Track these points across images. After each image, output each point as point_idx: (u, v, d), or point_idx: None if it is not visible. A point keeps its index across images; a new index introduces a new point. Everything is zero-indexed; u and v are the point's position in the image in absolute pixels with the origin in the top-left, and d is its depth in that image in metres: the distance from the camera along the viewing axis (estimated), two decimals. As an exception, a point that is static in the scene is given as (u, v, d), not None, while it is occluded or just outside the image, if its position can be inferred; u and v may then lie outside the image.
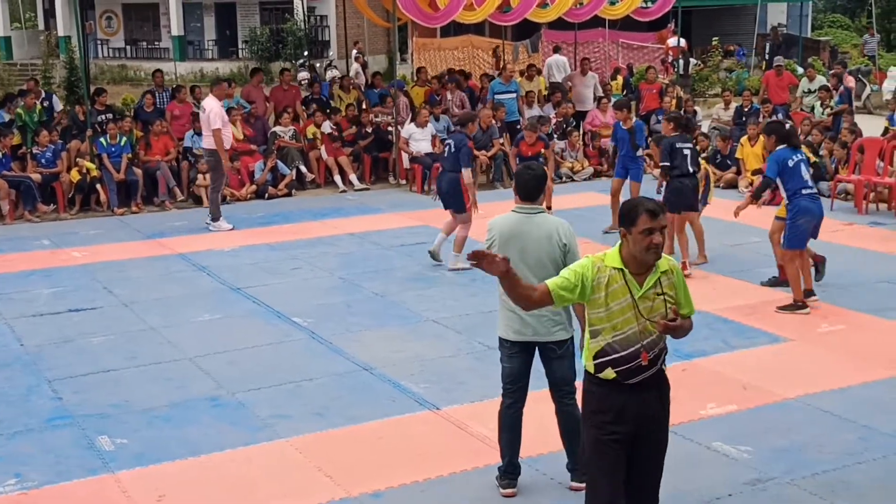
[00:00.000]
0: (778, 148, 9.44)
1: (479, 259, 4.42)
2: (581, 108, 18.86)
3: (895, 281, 10.14)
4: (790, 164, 9.29)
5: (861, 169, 14.39)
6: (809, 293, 9.49)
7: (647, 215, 4.49)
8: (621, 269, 4.57)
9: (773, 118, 17.19)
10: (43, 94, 17.34)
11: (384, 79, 19.38)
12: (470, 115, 11.59)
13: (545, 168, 6.25)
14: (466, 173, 10.85)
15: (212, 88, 14.12)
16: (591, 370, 4.69)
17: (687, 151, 10.58)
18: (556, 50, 23.84)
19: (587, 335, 4.72)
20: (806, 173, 9.32)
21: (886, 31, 33.74)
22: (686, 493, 5.96)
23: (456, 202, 10.96)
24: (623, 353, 4.59)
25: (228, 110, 16.31)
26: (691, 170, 10.57)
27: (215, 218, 13.53)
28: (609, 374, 4.62)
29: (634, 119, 12.74)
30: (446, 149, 11.10)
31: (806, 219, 9.32)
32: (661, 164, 10.62)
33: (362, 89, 19.63)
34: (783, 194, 9.44)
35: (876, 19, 30.70)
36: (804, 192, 9.28)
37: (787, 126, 10.93)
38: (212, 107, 13.36)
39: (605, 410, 4.64)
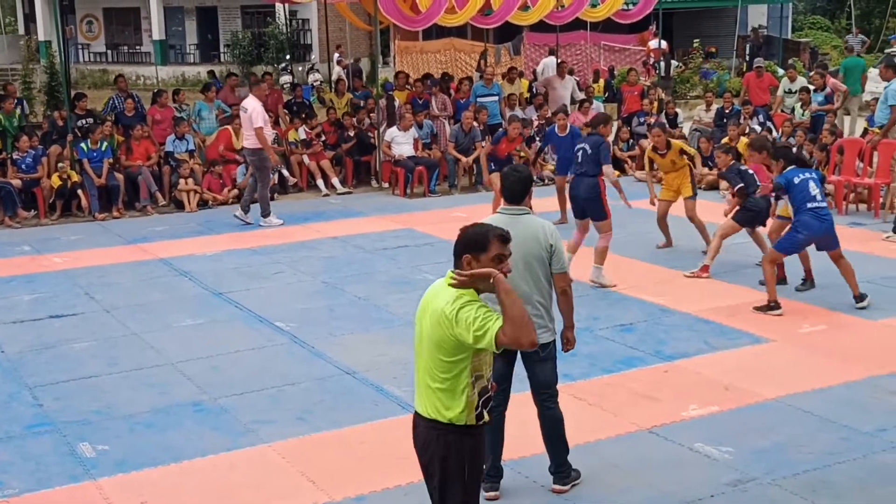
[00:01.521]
0: (787, 170, 9.70)
1: (472, 278, 4.23)
2: (560, 112, 18.89)
3: (876, 281, 10.19)
4: (796, 181, 9.50)
5: (841, 170, 14.48)
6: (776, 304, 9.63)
7: (499, 241, 4.26)
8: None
9: (755, 119, 17.30)
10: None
11: (369, 82, 19.36)
12: (604, 117, 10.91)
13: (530, 172, 6.26)
14: (608, 169, 10.37)
15: (251, 88, 14.39)
16: (473, 421, 4.41)
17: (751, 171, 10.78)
18: (552, 52, 24.10)
19: (467, 389, 4.37)
20: (815, 189, 9.51)
21: (865, 33, 33.89)
22: (668, 494, 5.98)
23: (596, 208, 10.35)
24: (490, 391, 4.49)
25: (228, 116, 16.40)
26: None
27: (265, 214, 13.92)
28: (486, 416, 4.47)
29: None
30: (579, 154, 10.38)
31: (806, 234, 9.52)
32: (736, 188, 10.54)
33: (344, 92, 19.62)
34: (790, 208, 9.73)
35: (855, 20, 30.88)
36: (809, 206, 9.45)
37: (794, 150, 11.31)
38: (254, 106, 13.68)
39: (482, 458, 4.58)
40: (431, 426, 4.44)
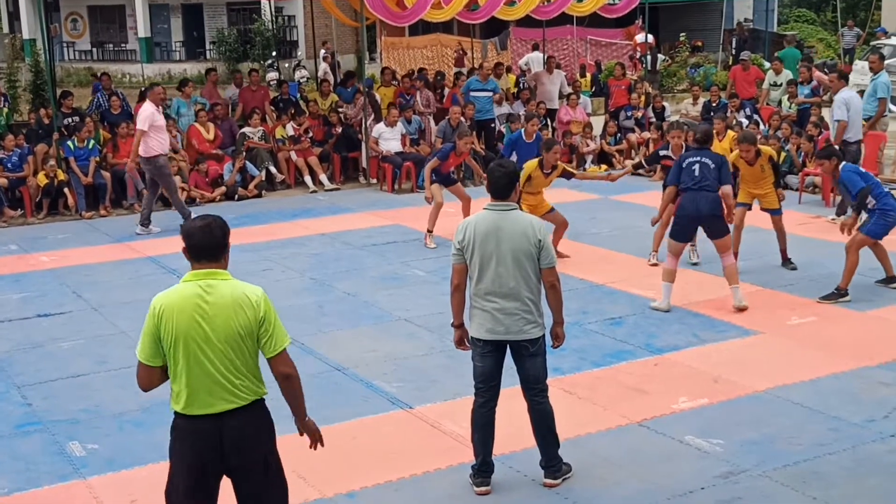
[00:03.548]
0: (841, 167, 9.94)
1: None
2: (549, 107, 18.91)
3: (863, 273, 10.21)
4: (861, 172, 9.98)
5: (825, 172, 14.46)
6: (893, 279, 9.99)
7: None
8: None
9: (742, 112, 17.33)
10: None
11: (357, 79, 19.31)
12: (709, 133, 9.99)
13: (516, 166, 6.25)
14: (728, 188, 9.56)
15: (147, 93, 13.98)
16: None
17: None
18: (535, 47, 24.14)
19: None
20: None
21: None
22: (659, 486, 5.99)
23: (722, 225, 9.55)
24: None
25: (197, 112, 16.30)
26: None
27: (145, 223, 13.44)
28: None
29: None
30: (696, 167, 9.44)
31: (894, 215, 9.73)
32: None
33: (332, 89, 19.56)
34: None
35: (841, 13, 30.96)
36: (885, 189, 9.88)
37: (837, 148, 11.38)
38: (143, 109, 13.28)
39: None
40: (255, 408, 4.59)
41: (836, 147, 11.69)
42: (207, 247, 4.44)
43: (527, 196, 10.86)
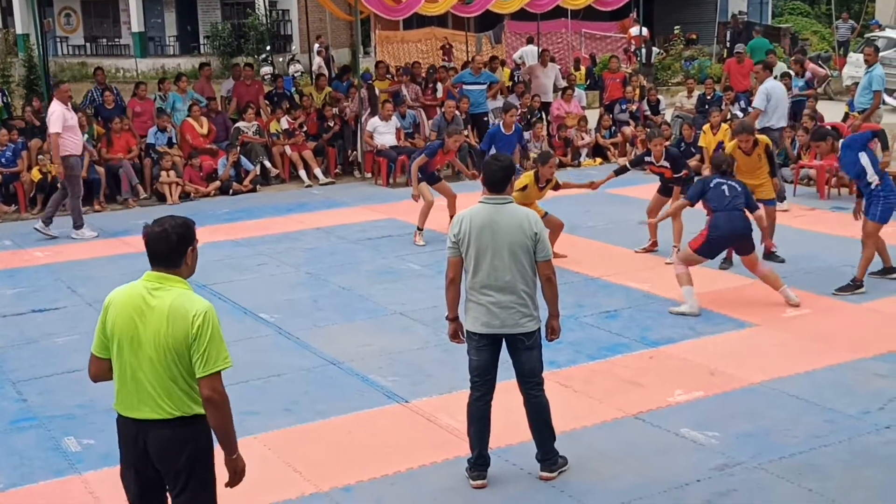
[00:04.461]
0: (848, 138, 9.97)
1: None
2: (544, 100, 18.91)
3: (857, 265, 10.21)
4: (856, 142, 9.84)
5: (822, 154, 14.49)
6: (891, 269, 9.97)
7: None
8: None
9: (737, 104, 17.33)
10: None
11: (353, 73, 19.28)
12: (727, 161, 10.00)
13: (512, 160, 6.24)
14: (762, 212, 9.84)
15: (54, 91, 13.33)
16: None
17: None
18: (530, 41, 24.12)
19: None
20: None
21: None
22: (655, 479, 5.99)
23: (751, 243, 9.46)
24: None
25: (190, 107, 16.25)
26: None
27: (78, 226, 12.99)
28: None
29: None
30: (725, 188, 9.45)
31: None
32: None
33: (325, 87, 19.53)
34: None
35: (835, 6, 30.94)
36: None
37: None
38: (52, 110, 12.64)
39: None
40: (179, 424, 4.35)
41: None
42: (162, 252, 4.35)
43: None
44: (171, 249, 4.34)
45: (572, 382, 7.53)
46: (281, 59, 32.49)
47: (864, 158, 9.60)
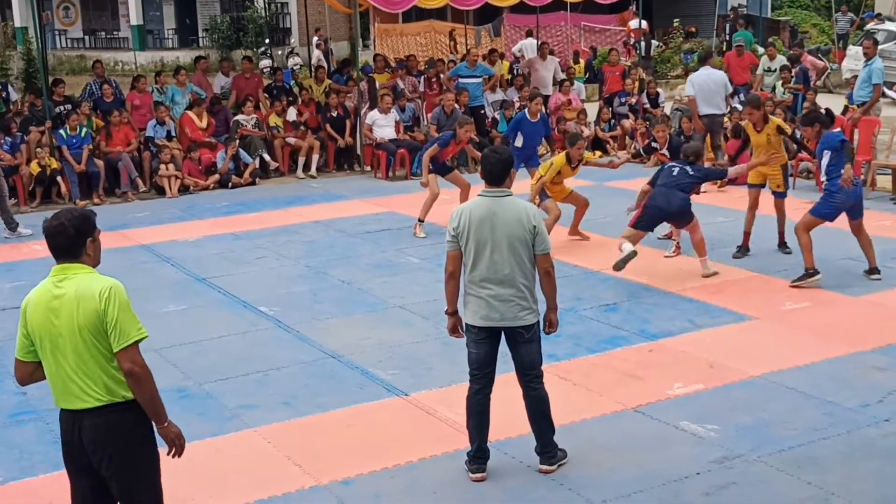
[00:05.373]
0: (825, 133, 9.78)
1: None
2: (543, 93, 18.85)
3: (857, 258, 10.22)
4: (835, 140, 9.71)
5: (807, 139, 14.45)
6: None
7: None
8: None
9: (736, 97, 17.30)
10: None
11: (352, 66, 19.26)
12: (697, 150, 10.49)
13: (511, 153, 6.23)
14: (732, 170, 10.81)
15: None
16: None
17: None
18: (529, 34, 24.12)
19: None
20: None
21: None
22: (654, 472, 6.00)
23: (687, 216, 10.05)
24: None
25: (190, 101, 16.25)
26: None
27: (12, 227, 12.71)
28: None
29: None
30: (675, 170, 10.04)
31: (844, 198, 9.56)
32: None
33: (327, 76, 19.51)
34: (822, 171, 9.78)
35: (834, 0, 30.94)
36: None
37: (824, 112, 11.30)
38: None
39: None
40: (111, 411, 4.37)
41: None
42: (61, 245, 4.42)
43: (552, 187, 11.23)
44: (70, 242, 4.41)
45: (571, 375, 7.54)
46: (280, 52, 32.46)
47: (826, 157, 9.63)
